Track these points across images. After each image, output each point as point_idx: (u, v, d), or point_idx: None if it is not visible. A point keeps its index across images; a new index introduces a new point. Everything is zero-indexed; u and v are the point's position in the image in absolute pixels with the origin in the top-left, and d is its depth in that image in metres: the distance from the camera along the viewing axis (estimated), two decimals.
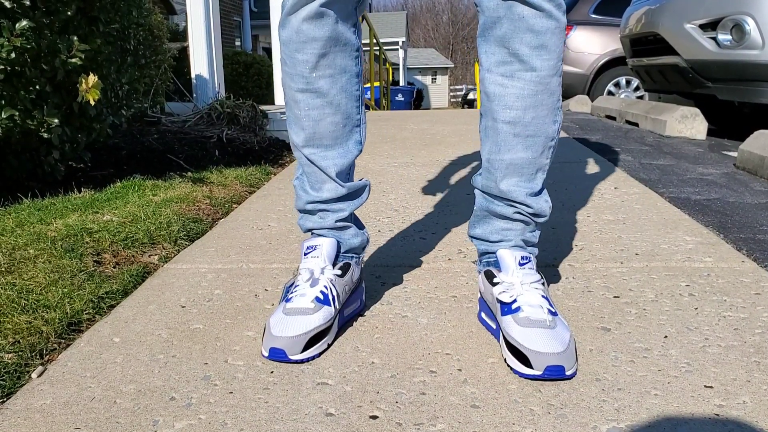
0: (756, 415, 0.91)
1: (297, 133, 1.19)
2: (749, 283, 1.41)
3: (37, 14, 2.16)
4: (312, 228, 1.26)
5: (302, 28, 1.09)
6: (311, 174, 1.21)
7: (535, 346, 1.01)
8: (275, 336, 1.09)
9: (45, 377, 1.07)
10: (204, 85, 4.80)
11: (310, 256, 1.20)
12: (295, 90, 1.15)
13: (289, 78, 1.15)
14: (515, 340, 1.04)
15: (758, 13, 3.55)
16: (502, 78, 1.09)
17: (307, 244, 1.23)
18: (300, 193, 1.25)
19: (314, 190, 1.22)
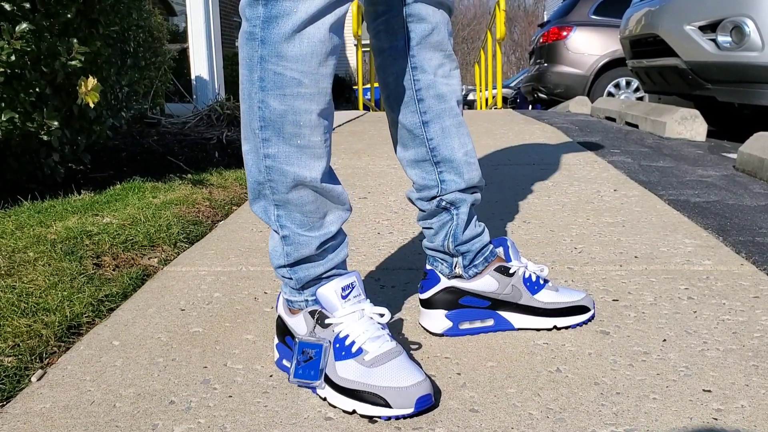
0: (754, 419, 0.91)
1: (310, 166, 0.97)
2: (748, 287, 1.41)
3: (37, 17, 2.16)
4: (324, 273, 1.05)
5: (329, 37, 0.93)
6: (315, 211, 1.01)
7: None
8: (410, 386, 0.93)
9: (45, 381, 1.07)
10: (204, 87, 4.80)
11: (354, 299, 1.02)
12: (315, 113, 0.95)
13: (307, 100, 0.94)
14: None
15: (758, 15, 3.56)
16: (445, 79, 1.17)
17: (341, 285, 1.01)
18: (299, 242, 1.02)
19: (315, 229, 1.02)
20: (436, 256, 1.22)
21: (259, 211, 1.03)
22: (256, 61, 0.94)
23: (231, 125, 4.03)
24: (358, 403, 0.94)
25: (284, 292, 1.08)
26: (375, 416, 0.93)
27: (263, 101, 0.94)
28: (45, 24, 2.19)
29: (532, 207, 2.14)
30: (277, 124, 0.95)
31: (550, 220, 1.97)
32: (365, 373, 0.95)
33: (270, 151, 0.97)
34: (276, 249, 1.04)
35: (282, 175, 0.97)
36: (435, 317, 1.19)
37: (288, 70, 0.93)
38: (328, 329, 1.00)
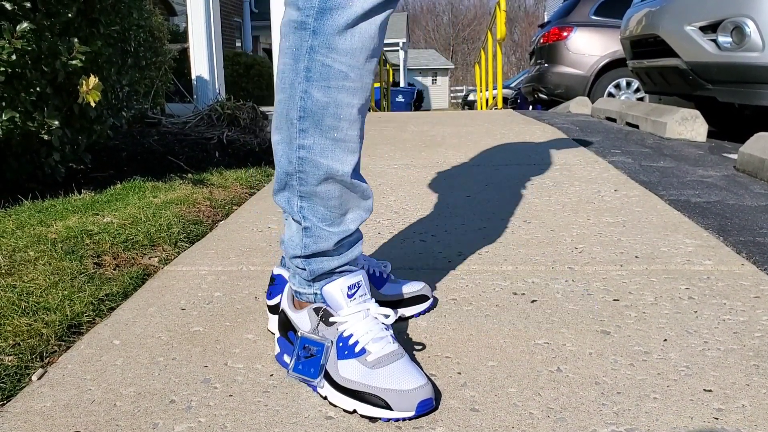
0: (755, 418, 0.91)
1: (343, 160, 0.97)
2: (749, 287, 1.41)
3: (38, 16, 2.16)
4: (337, 267, 1.05)
5: (377, 34, 0.94)
6: (338, 206, 1.01)
7: None
8: (412, 389, 0.93)
9: (45, 380, 1.07)
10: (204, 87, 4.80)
11: (360, 298, 1.02)
12: (356, 107, 0.96)
13: (350, 94, 0.94)
14: None
15: (758, 16, 3.56)
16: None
17: (347, 283, 1.01)
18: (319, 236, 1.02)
19: (336, 225, 1.02)
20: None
21: (282, 201, 1.03)
22: (304, 51, 0.93)
23: (231, 125, 4.03)
24: (359, 403, 0.94)
25: (293, 283, 1.08)
26: (375, 417, 0.93)
27: (306, 91, 0.94)
28: (46, 23, 2.19)
29: (533, 207, 2.14)
30: (317, 115, 0.95)
31: (551, 220, 1.97)
32: (367, 373, 0.95)
33: (305, 143, 0.97)
34: (293, 239, 1.04)
35: (315, 167, 0.97)
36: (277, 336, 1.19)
37: (336, 62, 0.93)
38: (332, 327, 1.00)
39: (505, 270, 1.54)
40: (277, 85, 0.99)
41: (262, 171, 3.02)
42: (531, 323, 1.24)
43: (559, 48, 7.12)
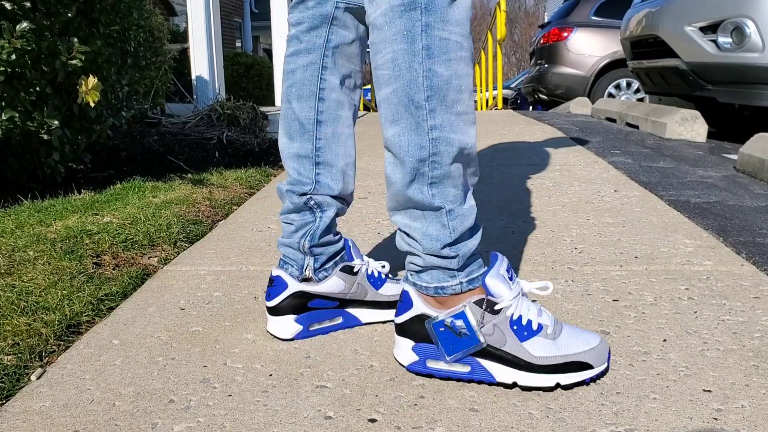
0: (754, 419, 0.91)
1: (469, 132, 0.99)
2: (748, 287, 1.41)
3: (38, 16, 2.16)
4: (477, 246, 1.06)
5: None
6: (463, 183, 1.03)
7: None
8: (599, 344, 1.01)
9: (44, 379, 1.07)
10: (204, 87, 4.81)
11: (515, 279, 1.05)
12: (471, 76, 0.98)
13: (466, 63, 0.96)
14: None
15: (758, 16, 3.56)
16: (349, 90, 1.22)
17: (504, 267, 1.03)
18: (462, 214, 1.02)
19: (465, 202, 1.03)
20: (288, 256, 1.21)
21: (416, 193, 0.98)
22: (419, 31, 0.92)
23: (231, 125, 4.03)
24: (560, 375, 0.97)
25: (427, 281, 1.02)
26: (579, 381, 0.98)
27: (430, 69, 0.93)
28: (45, 23, 2.19)
29: (533, 207, 2.14)
30: (443, 91, 0.94)
31: (551, 220, 1.97)
32: (556, 345, 0.99)
33: (436, 122, 0.95)
34: (430, 232, 0.99)
35: (448, 145, 0.96)
36: (284, 323, 1.19)
37: (452, 34, 0.93)
38: (500, 314, 0.99)
39: None
40: (385, 75, 0.96)
41: (261, 171, 3.02)
42: None
43: (559, 48, 7.13)
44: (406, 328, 1.04)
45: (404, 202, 1.00)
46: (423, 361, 1.03)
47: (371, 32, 0.97)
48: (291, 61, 1.19)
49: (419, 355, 1.03)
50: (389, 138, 0.98)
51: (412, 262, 1.03)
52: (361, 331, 1.23)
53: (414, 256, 1.02)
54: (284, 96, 1.20)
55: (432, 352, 1.02)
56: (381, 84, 0.97)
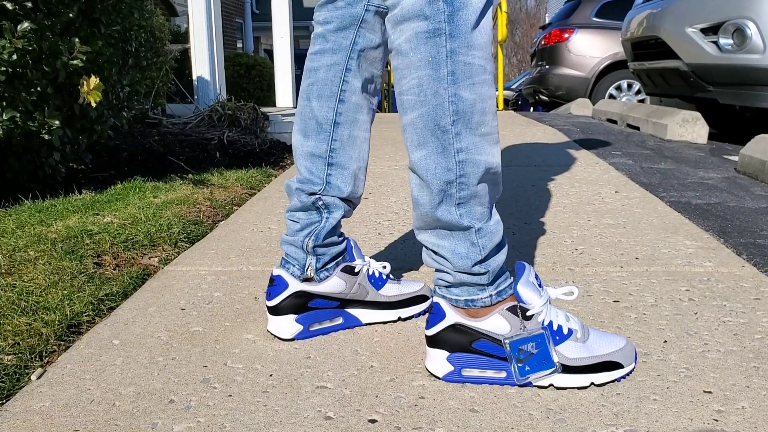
0: (755, 420, 0.91)
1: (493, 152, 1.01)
2: (749, 288, 1.40)
3: (39, 16, 2.16)
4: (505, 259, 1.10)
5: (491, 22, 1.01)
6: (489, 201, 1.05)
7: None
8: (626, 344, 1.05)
9: (44, 379, 1.07)
10: (205, 87, 4.81)
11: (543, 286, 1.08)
12: (494, 98, 1.00)
13: (489, 86, 0.98)
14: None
15: (759, 18, 3.56)
16: (369, 95, 1.23)
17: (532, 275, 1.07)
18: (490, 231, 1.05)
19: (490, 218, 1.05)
20: (290, 255, 1.21)
21: (445, 214, 1.00)
22: (443, 56, 0.94)
23: (232, 126, 4.03)
24: (594, 375, 1.01)
25: (457, 295, 1.03)
26: (612, 380, 1.02)
27: (455, 94, 0.95)
28: (47, 23, 2.20)
29: (534, 208, 2.14)
30: (468, 114, 0.96)
31: (551, 222, 1.97)
32: (586, 348, 1.02)
33: (462, 145, 0.97)
34: (459, 251, 1.00)
35: (475, 167, 0.97)
36: (284, 323, 1.18)
37: (476, 58, 0.95)
38: (533, 320, 1.01)
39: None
40: (410, 101, 0.97)
41: (262, 171, 3.02)
42: None
43: (560, 50, 7.13)
44: (439, 339, 1.03)
45: (432, 223, 1.01)
46: (458, 370, 1.03)
47: (395, 57, 0.98)
48: (315, 59, 1.18)
49: (454, 365, 1.03)
50: (416, 161, 0.99)
51: (442, 278, 1.04)
52: (361, 331, 1.23)
53: (443, 273, 1.03)
54: (303, 93, 1.19)
55: (467, 360, 1.03)
56: (406, 108, 0.98)
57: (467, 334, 1.02)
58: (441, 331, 1.03)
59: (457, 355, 1.03)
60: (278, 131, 4.24)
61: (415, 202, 1.02)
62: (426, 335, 1.06)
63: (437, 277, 1.05)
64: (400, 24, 0.95)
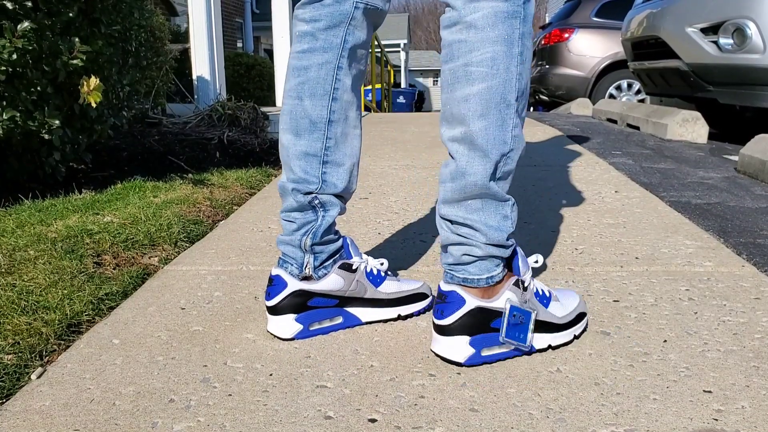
0: (755, 420, 0.91)
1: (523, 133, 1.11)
2: (749, 288, 1.40)
3: (39, 15, 2.16)
4: None
5: None
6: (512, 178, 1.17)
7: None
8: (581, 298, 1.21)
9: (44, 378, 1.07)
10: (205, 87, 4.81)
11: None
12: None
13: (530, 72, 1.07)
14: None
15: (759, 18, 3.56)
16: (356, 92, 1.24)
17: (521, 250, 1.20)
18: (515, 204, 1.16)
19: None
20: (288, 255, 1.21)
21: (493, 185, 1.05)
22: (516, 38, 1.01)
23: (232, 125, 4.03)
24: (574, 328, 1.16)
25: (480, 273, 1.07)
26: (584, 329, 1.18)
27: (521, 74, 1.03)
28: (47, 23, 2.20)
29: (534, 208, 2.14)
30: (525, 94, 1.05)
31: (552, 221, 1.97)
32: (563, 306, 1.16)
33: (515, 122, 1.04)
34: (492, 223, 1.06)
35: (521, 143, 1.06)
36: (284, 323, 1.18)
37: (529, 44, 1.04)
38: (528, 291, 1.11)
39: None
40: (480, 72, 1.01)
41: (262, 171, 3.02)
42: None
43: (560, 49, 7.13)
44: (459, 325, 1.07)
45: (476, 193, 1.05)
46: (478, 352, 1.08)
47: (463, 31, 1.01)
48: (304, 58, 1.17)
49: (475, 347, 1.07)
50: (476, 131, 1.02)
51: (467, 253, 1.07)
52: (361, 331, 1.23)
53: (470, 247, 1.06)
54: (293, 92, 1.18)
55: (486, 340, 1.07)
56: (474, 79, 1.01)
57: (486, 315, 1.07)
58: (462, 317, 1.06)
59: (476, 337, 1.07)
60: (278, 131, 4.24)
61: (462, 172, 1.04)
62: (440, 325, 1.08)
63: (461, 252, 1.07)
64: (475, 1, 1.00)
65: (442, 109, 1.07)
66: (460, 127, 1.03)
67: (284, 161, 1.21)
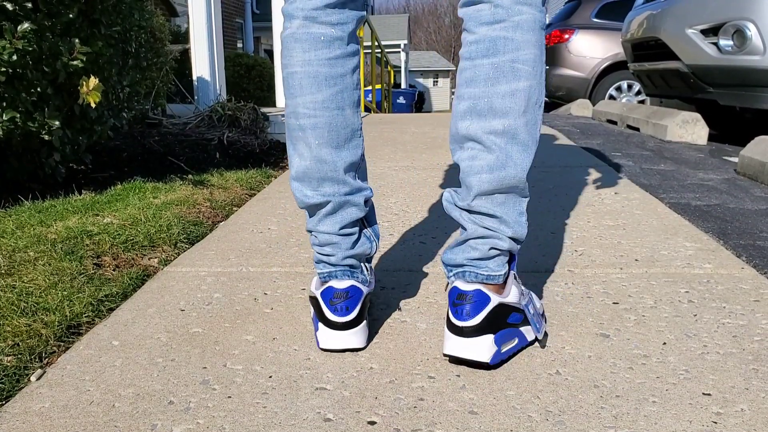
0: (754, 422, 0.91)
1: None
2: (748, 290, 1.41)
3: (39, 16, 2.16)
4: None
5: None
6: None
7: None
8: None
9: (44, 380, 1.07)
10: (205, 87, 4.81)
11: None
12: None
13: None
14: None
15: (759, 19, 3.56)
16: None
17: None
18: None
19: None
20: (354, 267, 1.18)
21: (525, 184, 1.09)
22: (543, 45, 1.06)
23: (232, 126, 4.03)
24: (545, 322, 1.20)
25: (498, 269, 1.08)
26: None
27: (544, 79, 1.08)
28: (47, 24, 2.20)
29: (533, 209, 2.14)
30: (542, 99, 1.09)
31: (551, 223, 1.97)
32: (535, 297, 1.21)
33: (539, 124, 1.09)
34: (513, 218, 1.08)
35: (537, 145, 1.10)
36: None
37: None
38: (519, 282, 1.16)
39: None
40: (525, 70, 1.04)
41: (262, 172, 3.02)
42: None
43: (560, 50, 7.13)
44: (486, 323, 1.06)
45: (511, 185, 1.06)
46: (499, 349, 1.07)
47: (509, 29, 1.03)
48: (338, 65, 1.10)
49: (497, 345, 1.07)
50: (521, 125, 1.05)
51: (494, 246, 1.07)
52: None
53: (496, 240, 1.07)
54: (331, 103, 1.11)
55: (504, 336, 1.08)
56: (520, 76, 1.04)
57: (505, 311, 1.08)
58: (487, 314, 1.06)
59: (500, 333, 1.07)
60: (278, 132, 4.24)
61: (502, 164, 1.05)
62: (466, 326, 1.05)
63: (484, 251, 1.07)
64: (521, 5, 1.03)
65: (471, 103, 1.05)
66: (503, 120, 1.04)
67: (321, 178, 1.12)
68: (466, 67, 1.07)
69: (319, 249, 1.16)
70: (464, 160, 1.08)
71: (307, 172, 1.12)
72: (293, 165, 1.14)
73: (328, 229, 1.14)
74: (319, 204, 1.13)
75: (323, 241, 1.15)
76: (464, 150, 1.08)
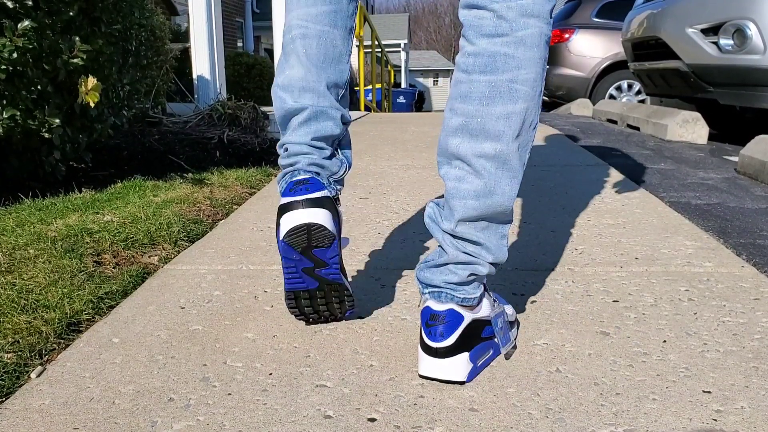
0: (754, 420, 0.91)
1: None
2: (749, 288, 1.41)
3: (40, 14, 2.16)
4: None
5: None
6: None
7: None
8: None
9: (44, 377, 1.07)
10: (205, 86, 4.81)
11: None
12: None
13: None
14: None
15: (760, 19, 3.56)
16: None
17: None
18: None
19: None
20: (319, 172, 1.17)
21: (511, 210, 1.05)
22: (545, 61, 0.99)
23: (232, 125, 4.03)
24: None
25: (474, 292, 1.04)
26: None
27: (540, 99, 1.02)
28: (47, 22, 2.20)
29: (533, 208, 2.14)
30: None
31: (551, 222, 1.97)
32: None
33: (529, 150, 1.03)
34: (494, 243, 1.04)
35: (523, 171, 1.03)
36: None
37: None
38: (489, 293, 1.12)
39: (504, 270, 1.54)
40: (523, 91, 0.97)
41: (262, 171, 3.02)
42: (530, 324, 1.24)
43: (560, 50, 7.13)
44: (461, 342, 1.02)
45: (495, 213, 1.01)
46: (475, 364, 1.05)
47: (511, 45, 0.95)
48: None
49: (473, 360, 1.04)
50: (512, 151, 0.98)
51: (474, 272, 1.02)
52: (360, 330, 1.23)
53: (476, 266, 1.02)
54: (324, 18, 1.12)
55: (479, 351, 1.06)
56: (517, 98, 0.97)
57: (478, 326, 1.06)
58: (461, 333, 1.03)
59: (473, 350, 1.05)
60: (278, 130, 4.24)
61: (489, 191, 0.99)
62: (440, 347, 1.01)
63: (462, 276, 1.02)
64: (527, 17, 0.95)
65: (464, 120, 0.98)
66: (495, 144, 0.97)
67: (303, 87, 1.14)
68: (461, 80, 0.99)
69: (286, 161, 1.16)
70: (451, 179, 1.02)
71: (291, 80, 1.14)
72: (280, 74, 1.16)
73: (300, 139, 1.14)
74: (296, 110, 1.14)
75: (293, 152, 1.14)
76: (452, 168, 1.02)
